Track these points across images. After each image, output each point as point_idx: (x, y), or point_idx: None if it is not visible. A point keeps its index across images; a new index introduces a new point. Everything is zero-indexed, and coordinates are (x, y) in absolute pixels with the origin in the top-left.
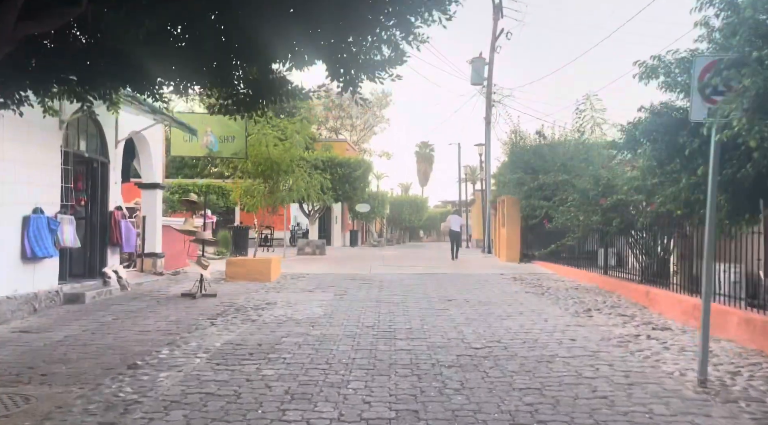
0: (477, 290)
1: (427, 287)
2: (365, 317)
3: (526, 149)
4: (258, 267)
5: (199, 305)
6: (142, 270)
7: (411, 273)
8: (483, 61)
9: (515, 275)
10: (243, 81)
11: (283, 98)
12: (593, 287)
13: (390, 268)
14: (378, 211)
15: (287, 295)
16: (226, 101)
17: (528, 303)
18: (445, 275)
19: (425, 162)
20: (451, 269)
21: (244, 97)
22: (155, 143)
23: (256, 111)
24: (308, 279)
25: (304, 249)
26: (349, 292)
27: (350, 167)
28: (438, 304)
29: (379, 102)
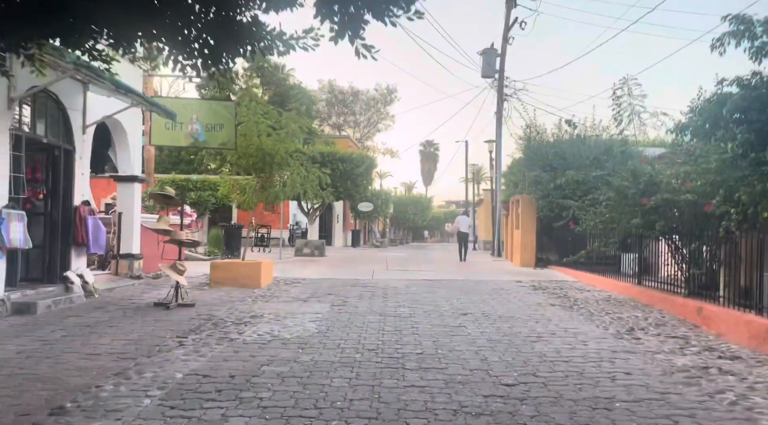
0: (494, 302)
1: (437, 296)
2: (367, 337)
3: (545, 144)
4: (246, 272)
5: (171, 317)
6: (117, 273)
7: (418, 279)
8: (495, 53)
9: (534, 282)
10: (200, 25)
11: (256, 48)
12: (627, 299)
13: (394, 273)
14: (381, 210)
15: (277, 305)
16: (180, 55)
17: (557, 319)
18: (455, 281)
19: (430, 161)
20: (461, 274)
21: (201, 47)
22: (133, 130)
23: (218, 66)
24: (303, 285)
25: (303, 250)
26: (349, 302)
27: (353, 163)
28: (452, 319)
29: (383, 98)
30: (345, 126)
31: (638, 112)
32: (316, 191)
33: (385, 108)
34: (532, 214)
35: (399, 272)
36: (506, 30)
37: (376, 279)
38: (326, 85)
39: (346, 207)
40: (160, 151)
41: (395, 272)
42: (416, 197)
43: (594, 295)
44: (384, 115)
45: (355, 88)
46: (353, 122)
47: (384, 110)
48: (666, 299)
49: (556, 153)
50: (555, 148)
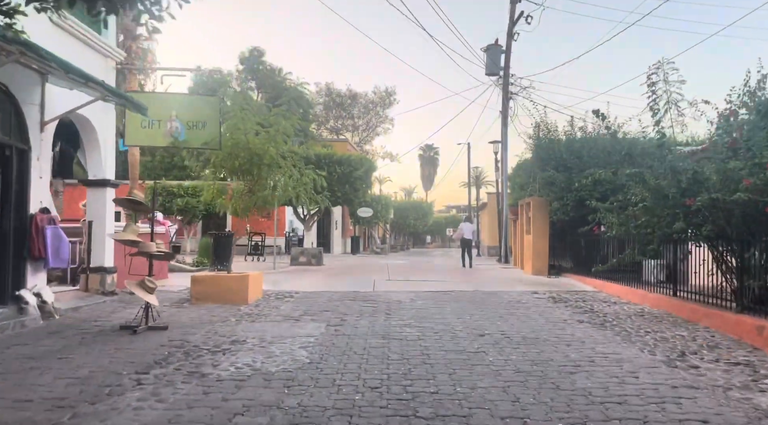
0: (513, 318)
1: (447, 312)
2: (369, 369)
3: (558, 143)
4: (232, 286)
5: (136, 344)
6: (87, 289)
7: (424, 291)
8: (499, 49)
9: (552, 293)
10: None
11: None
12: (663, 314)
13: (397, 283)
14: (381, 216)
15: (264, 326)
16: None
17: (591, 341)
18: (465, 293)
19: (429, 166)
20: (470, 285)
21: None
22: (104, 129)
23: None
24: (296, 300)
25: (299, 259)
26: (347, 321)
27: (351, 166)
28: (468, 342)
29: (382, 101)
30: (343, 130)
31: (675, 100)
32: (311, 194)
33: (384, 111)
34: (545, 218)
35: (402, 282)
36: (511, 25)
37: (377, 291)
38: (323, 88)
39: (345, 213)
40: (153, 156)
41: (398, 282)
42: (417, 202)
43: (623, 309)
44: (383, 118)
45: (353, 91)
46: (351, 125)
47: (383, 113)
48: (712, 315)
49: (572, 152)
50: (570, 146)
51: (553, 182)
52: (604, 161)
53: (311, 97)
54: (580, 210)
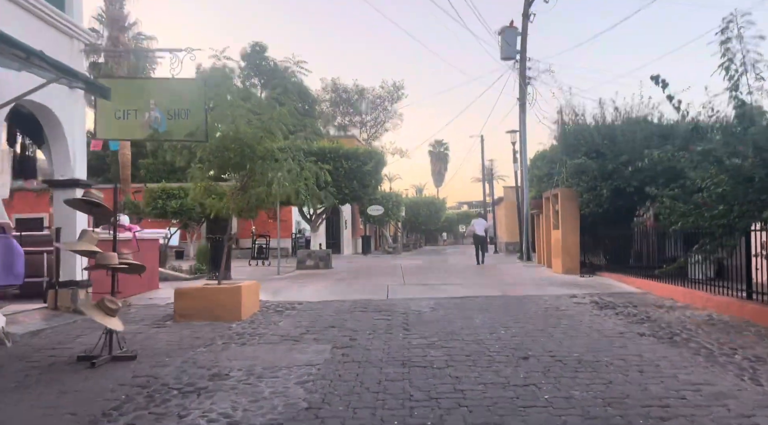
0: (557, 331)
1: (477, 324)
2: (385, 419)
3: (588, 127)
4: (222, 300)
5: (90, 384)
6: (56, 307)
7: (445, 297)
8: (515, 31)
9: (593, 296)
10: None
11: None
12: (740, 322)
13: (414, 288)
14: (392, 214)
15: (255, 351)
16: None
17: (668, 364)
18: (492, 299)
19: (440, 162)
20: (497, 288)
21: None
22: (72, 120)
23: None
24: (299, 313)
25: (305, 262)
26: (358, 341)
27: (359, 160)
28: (510, 368)
29: (390, 96)
30: (351, 127)
31: (753, 61)
32: (313, 190)
33: (392, 106)
34: (575, 210)
35: (419, 287)
36: (527, 5)
37: (392, 299)
38: (329, 83)
39: (355, 211)
40: (154, 157)
41: (415, 287)
42: (429, 198)
43: (686, 316)
44: (391, 113)
45: (360, 86)
46: (359, 122)
47: (391, 108)
48: None
49: (605, 135)
50: (602, 129)
51: (584, 170)
52: (643, 144)
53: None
54: (615, 201)
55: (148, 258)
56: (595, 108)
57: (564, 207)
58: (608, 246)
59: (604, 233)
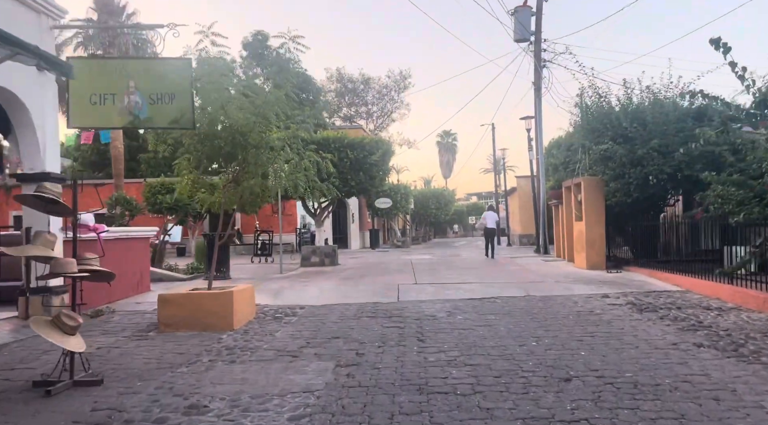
0: (598, 342)
1: (501, 332)
2: None
3: (614, 110)
4: (211, 307)
5: (39, 421)
6: (26, 316)
7: (462, 298)
8: (529, 11)
9: (627, 296)
10: None
11: None
12: None
13: (427, 288)
14: (401, 206)
15: (245, 373)
16: None
17: (747, 389)
18: (515, 301)
19: (448, 152)
20: (517, 286)
21: None
22: (42, 108)
23: None
24: (299, 320)
25: (310, 259)
26: (365, 356)
27: (365, 150)
28: (552, 396)
29: (396, 85)
30: (357, 117)
31: None
32: (313, 182)
33: (399, 96)
34: (600, 201)
35: (433, 287)
36: None
37: (403, 302)
38: (334, 73)
39: (362, 204)
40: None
41: (428, 287)
42: (438, 190)
43: (743, 320)
44: (398, 103)
45: (365, 76)
46: (365, 112)
47: (398, 98)
48: None
49: (634, 118)
50: (631, 112)
51: (610, 156)
52: (675, 127)
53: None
54: (645, 189)
55: (136, 258)
56: (619, 90)
57: (588, 197)
58: (636, 239)
59: (633, 225)
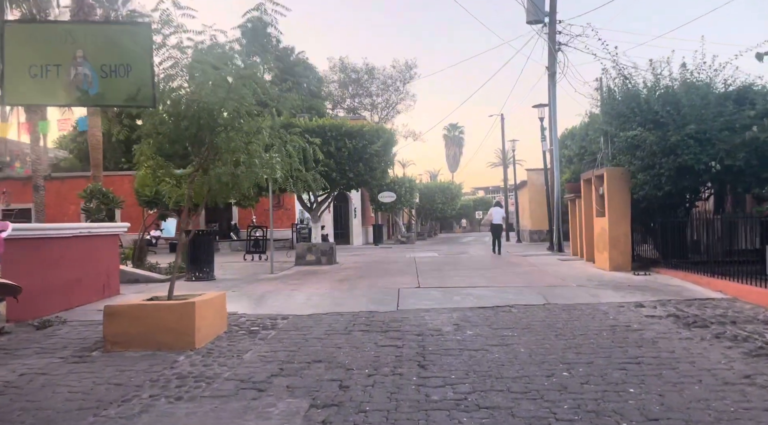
0: (648, 373)
1: (522, 356)
2: None
3: (644, 92)
4: (169, 321)
5: None
6: None
7: (471, 307)
8: None
9: (666, 306)
10: None
11: None
12: None
13: (431, 293)
14: (406, 200)
15: (188, 418)
16: None
17: None
18: (533, 310)
19: (455, 146)
20: (533, 290)
21: None
22: None
23: None
24: (277, 336)
25: (305, 257)
26: (351, 390)
27: (364, 139)
28: None
29: (402, 76)
30: (361, 109)
31: None
32: (297, 171)
33: (404, 87)
34: (625, 194)
35: (438, 292)
36: None
37: (403, 311)
38: (337, 63)
39: (365, 198)
40: None
41: (432, 291)
42: (444, 184)
43: None
44: (404, 94)
45: (370, 65)
46: (370, 104)
47: (403, 89)
48: None
49: (666, 101)
50: (664, 96)
51: (638, 144)
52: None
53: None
54: (679, 181)
55: (101, 258)
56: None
57: (612, 190)
58: (666, 237)
59: (660, 220)
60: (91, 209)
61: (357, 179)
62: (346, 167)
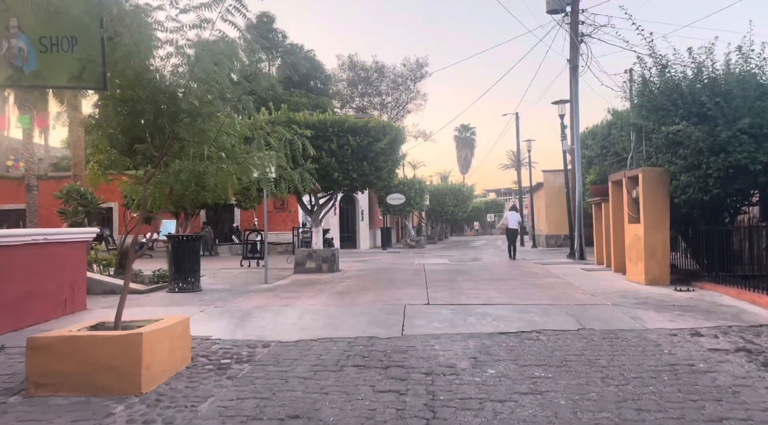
0: None
1: (563, 412)
2: None
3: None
4: (108, 357)
5: None
6: None
7: (491, 332)
8: None
9: (728, 334)
10: None
11: None
12: None
13: (442, 310)
14: (415, 203)
15: None
16: None
17: None
18: (567, 338)
19: (466, 147)
20: (561, 310)
21: None
22: None
23: None
24: (250, 374)
25: (305, 264)
26: None
27: (369, 136)
28: None
29: (412, 74)
30: (370, 108)
31: None
32: (281, 168)
33: (415, 85)
34: (664, 198)
35: (450, 310)
36: None
37: (409, 337)
38: (346, 61)
39: (373, 200)
40: None
41: (443, 309)
42: (455, 185)
43: None
44: (414, 93)
45: (379, 63)
46: (379, 103)
47: (414, 88)
48: None
49: (716, 93)
50: (711, 85)
51: (680, 141)
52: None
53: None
54: (729, 184)
55: (62, 269)
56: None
57: (648, 193)
58: (710, 246)
59: (705, 228)
60: (67, 212)
61: (361, 180)
62: (350, 167)
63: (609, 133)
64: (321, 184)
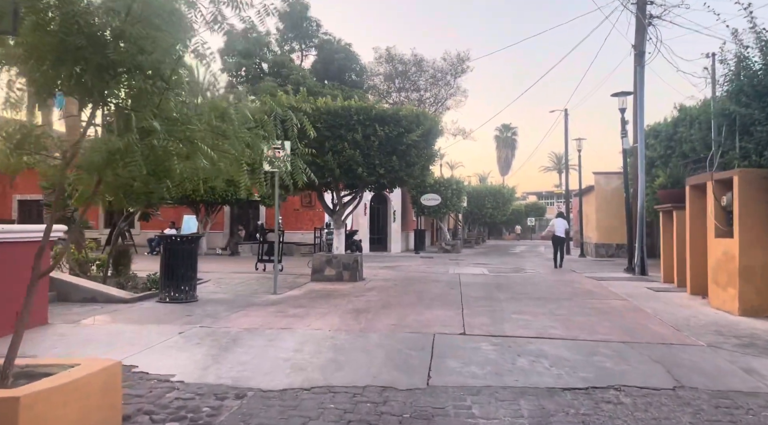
0: None
1: None
2: None
3: None
4: None
5: None
6: None
7: (551, 387)
8: None
9: None
10: None
11: None
12: None
13: (482, 345)
14: (452, 204)
15: None
16: None
17: None
18: (661, 400)
19: (507, 147)
20: (645, 355)
21: None
22: None
23: None
24: None
25: (323, 271)
26: None
27: (400, 126)
28: None
29: (453, 69)
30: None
31: None
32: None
33: (455, 81)
34: (767, 209)
35: (492, 347)
36: None
37: (436, 391)
38: (383, 54)
39: (407, 200)
40: None
41: (483, 343)
42: (495, 187)
43: None
44: (454, 89)
45: (418, 56)
46: (417, 99)
47: (454, 83)
48: None
49: None
50: None
51: None
52: None
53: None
54: None
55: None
56: None
57: (746, 202)
58: None
59: None
60: (51, 204)
61: (389, 177)
62: (376, 161)
63: (675, 131)
64: (343, 180)
